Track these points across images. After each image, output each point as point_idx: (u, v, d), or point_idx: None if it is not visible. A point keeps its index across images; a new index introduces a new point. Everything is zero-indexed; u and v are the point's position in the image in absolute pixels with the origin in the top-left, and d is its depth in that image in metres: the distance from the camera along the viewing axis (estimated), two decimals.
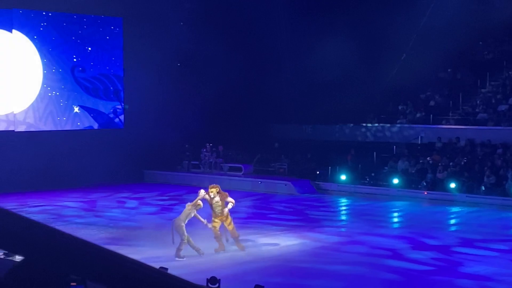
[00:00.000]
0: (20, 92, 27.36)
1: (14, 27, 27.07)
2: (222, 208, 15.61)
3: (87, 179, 27.41)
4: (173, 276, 1.94)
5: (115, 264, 1.77)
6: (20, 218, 1.63)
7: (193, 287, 2.08)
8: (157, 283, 1.80)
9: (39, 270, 1.71)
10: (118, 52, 30.04)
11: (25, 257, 1.68)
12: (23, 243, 1.60)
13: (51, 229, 1.66)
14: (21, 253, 1.66)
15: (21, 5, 27.20)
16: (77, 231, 18.05)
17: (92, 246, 1.69)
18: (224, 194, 15.82)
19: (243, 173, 29.42)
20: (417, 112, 29.85)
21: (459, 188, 24.39)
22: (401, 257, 15.58)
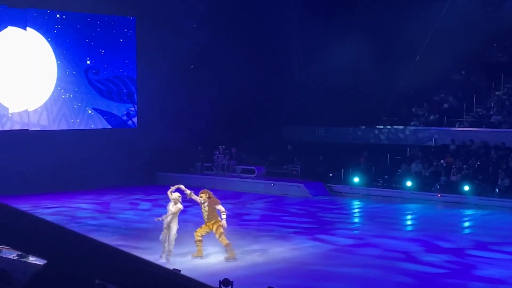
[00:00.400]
0: (34, 90, 27.48)
1: (28, 25, 27.22)
2: (209, 214, 15.15)
3: (100, 181, 27.50)
4: (187, 278, 1.94)
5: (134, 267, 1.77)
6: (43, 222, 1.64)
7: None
8: (171, 285, 1.80)
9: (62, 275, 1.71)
10: (131, 54, 30.14)
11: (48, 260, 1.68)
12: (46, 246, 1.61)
13: (74, 233, 1.66)
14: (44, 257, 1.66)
15: (35, 5, 27.32)
16: (90, 233, 18.09)
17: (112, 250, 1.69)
18: (214, 201, 15.38)
19: (256, 175, 29.41)
20: (431, 115, 29.73)
21: (473, 191, 24.26)
22: (414, 260, 15.51)
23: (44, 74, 27.74)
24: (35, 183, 26.16)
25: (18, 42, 27.02)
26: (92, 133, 28.63)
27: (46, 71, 27.82)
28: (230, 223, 20.25)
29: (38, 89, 27.59)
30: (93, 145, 28.13)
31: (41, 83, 27.64)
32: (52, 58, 27.90)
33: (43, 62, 27.70)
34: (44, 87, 27.83)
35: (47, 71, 27.85)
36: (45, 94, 27.87)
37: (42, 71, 27.69)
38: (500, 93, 29.87)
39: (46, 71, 27.81)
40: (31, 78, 27.35)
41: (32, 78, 27.38)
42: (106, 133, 29.07)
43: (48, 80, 27.89)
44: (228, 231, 18.71)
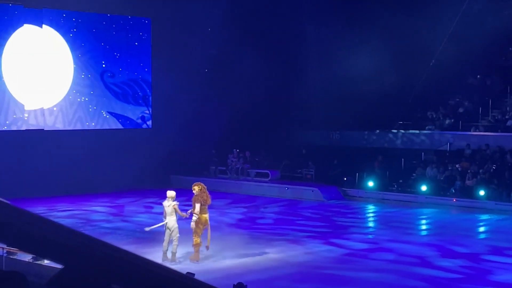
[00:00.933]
0: (50, 88, 27.62)
1: (44, 23, 27.43)
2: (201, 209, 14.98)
3: (114, 184, 27.59)
4: (200, 282, 1.94)
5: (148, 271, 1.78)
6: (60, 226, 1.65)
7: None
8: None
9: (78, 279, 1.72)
10: (146, 57, 30.26)
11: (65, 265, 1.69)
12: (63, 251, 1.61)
13: (91, 238, 1.67)
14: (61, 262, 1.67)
15: (50, 5, 27.49)
16: (104, 236, 18.19)
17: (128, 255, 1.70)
18: (201, 197, 15.37)
19: (270, 179, 29.40)
20: (446, 119, 29.59)
21: (488, 196, 24.11)
22: (429, 264, 15.43)
23: (61, 72, 27.91)
24: (50, 185, 26.31)
25: (34, 39, 27.20)
26: (106, 135, 28.68)
27: (63, 70, 28.00)
28: (244, 227, 20.31)
29: (54, 87, 27.73)
30: (108, 148, 28.22)
31: (57, 82, 27.80)
32: (69, 55, 28.05)
33: (59, 60, 27.88)
34: (61, 85, 27.96)
35: (64, 69, 28.03)
36: (62, 91, 27.98)
37: (59, 69, 27.86)
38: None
39: (62, 70, 27.98)
40: (47, 76, 27.50)
41: (49, 76, 27.53)
42: (121, 136, 29.14)
43: (65, 79, 28.03)
44: (243, 234, 18.76)
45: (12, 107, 26.66)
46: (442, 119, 29.68)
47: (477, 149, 27.21)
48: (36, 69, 27.20)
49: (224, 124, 30.14)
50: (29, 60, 27.03)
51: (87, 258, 1.65)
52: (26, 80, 26.96)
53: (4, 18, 26.37)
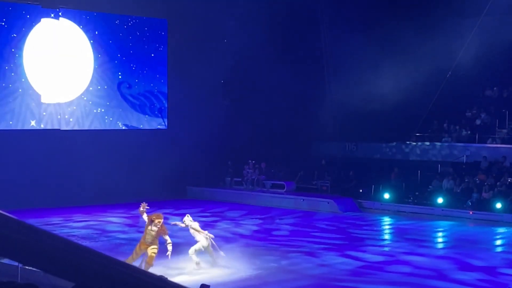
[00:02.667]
0: (69, 83, 27.84)
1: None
2: (152, 239, 14.69)
3: (130, 194, 27.65)
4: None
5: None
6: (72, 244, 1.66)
7: None
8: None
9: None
10: (162, 68, 30.40)
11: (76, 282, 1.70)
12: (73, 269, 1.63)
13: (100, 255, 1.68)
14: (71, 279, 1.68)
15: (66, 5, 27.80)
16: (120, 247, 18.25)
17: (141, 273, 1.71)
18: (163, 230, 14.99)
19: (286, 190, 29.37)
20: (463, 130, 29.45)
21: (505, 208, 23.93)
22: (446, 278, 15.32)
23: (81, 66, 28.19)
24: (67, 196, 26.47)
25: (52, 32, 27.45)
26: (123, 146, 28.69)
27: (84, 62, 28.29)
28: (260, 239, 20.28)
29: (73, 82, 27.97)
30: (124, 158, 28.31)
31: (77, 76, 28.03)
32: (90, 51, 28.31)
33: (80, 52, 28.17)
34: (80, 81, 28.18)
35: (85, 62, 28.32)
36: (81, 87, 28.18)
37: (79, 65, 28.13)
38: None
39: (84, 62, 28.27)
40: (68, 70, 27.74)
41: (69, 70, 27.77)
42: (137, 147, 29.21)
43: (85, 73, 28.28)
44: (258, 246, 18.72)
45: (30, 102, 26.82)
46: (459, 131, 29.54)
47: (494, 161, 27.03)
48: (57, 63, 27.39)
49: (240, 135, 30.20)
50: (48, 55, 27.24)
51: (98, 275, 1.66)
52: (45, 73, 27.14)
53: (22, 12, 26.67)
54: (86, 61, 28.37)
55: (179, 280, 13.43)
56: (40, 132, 27.21)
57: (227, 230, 21.90)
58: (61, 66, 27.61)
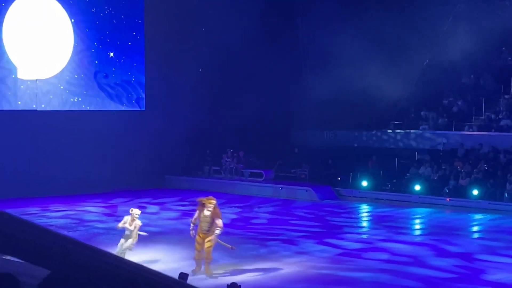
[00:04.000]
0: (47, 59, 27.54)
1: None
2: (209, 226, 14.04)
3: (108, 184, 27.53)
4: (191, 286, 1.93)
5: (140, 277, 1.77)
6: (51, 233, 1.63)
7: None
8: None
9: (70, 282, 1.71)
10: (139, 57, 30.17)
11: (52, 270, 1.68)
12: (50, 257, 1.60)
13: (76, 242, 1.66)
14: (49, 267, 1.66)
15: None
16: (98, 236, 18.18)
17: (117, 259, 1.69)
18: (216, 213, 14.19)
19: (264, 179, 29.41)
20: (440, 118, 29.65)
21: (482, 195, 24.17)
22: (423, 264, 15.45)
23: (60, 44, 27.86)
24: (44, 185, 26.23)
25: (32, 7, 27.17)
26: (100, 135, 28.45)
27: (63, 42, 27.97)
28: (238, 227, 20.31)
29: (51, 59, 27.66)
30: (102, 148, 28.12)
31: (56, 54, 27.72)
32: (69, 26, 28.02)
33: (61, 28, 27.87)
34: (59, 59, 27.88)
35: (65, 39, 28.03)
36: (60, 64, 27.89)
37: (59, 41, 27.81)
38: (509, 96, 29.75)
39: (62, 42, 27.95)
40: (46, 47, 27.41)
41: (48, 47, 27.44)
42: (115, 137, 29.01)
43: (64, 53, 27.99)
44: (236, 235, 18.75)
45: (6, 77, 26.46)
46: (436, 119, 29.74)
47: (470, 148, 27.27)
48: (36, 38, 27.04)
49: (218, 124, 30.14)
50: (28, 28, 26.89)
51: (77, 263, 1.64)
52: (23, 47, 26.78)
53: None
54: (66, 37, 27.94)
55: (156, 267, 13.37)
56: (14, 114, 26.67)
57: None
58: (40, 41, 27.15)
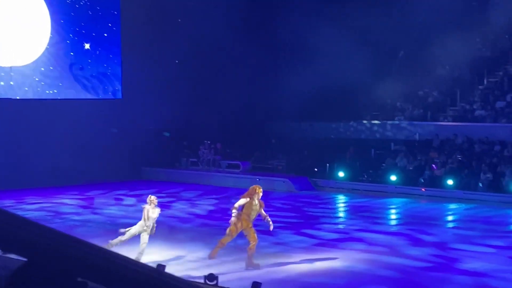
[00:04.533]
0: (22, 46, 27.24)
1: None
2: (255, 215, 14.06)
3: (84, 176, 27.39)
4: (170, 275, 1.95)
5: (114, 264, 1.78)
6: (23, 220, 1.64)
7: (189, 285, 2.09)
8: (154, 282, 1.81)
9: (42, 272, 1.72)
10: (115, 49, 29.99)
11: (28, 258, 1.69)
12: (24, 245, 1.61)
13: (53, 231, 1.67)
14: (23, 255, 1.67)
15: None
16: (74, 228, 18.09)
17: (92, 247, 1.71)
18: (262, 203, 14.19)
19: (241, 170, 29.44)
20: (415, 109, 29.88)
21: (457, 185, 24.43)
22: (398, 253, 15.61)
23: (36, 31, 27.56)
24: (18, 177, 26.02)
25: None
26: (76, 126, 28.25)
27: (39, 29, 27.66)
28: (216, 219, 20.33)
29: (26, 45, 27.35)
30: (78, 139, 27.94)
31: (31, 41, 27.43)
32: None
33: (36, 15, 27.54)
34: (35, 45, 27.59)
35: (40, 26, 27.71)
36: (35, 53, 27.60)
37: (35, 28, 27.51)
38: (484, 87, 30.08)
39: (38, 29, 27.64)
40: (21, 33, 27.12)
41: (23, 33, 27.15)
42: (91, 128, 28.84)
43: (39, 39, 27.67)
44: (214, 226, 18.79)
45: None
46: (411, 110, 29.96)
47: (445, 139, 27.53)
48: (11, 25, 26.75)
49: (195, 115, 30.08)
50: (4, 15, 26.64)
51: (51, 251, 1.66)
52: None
53: None
54: (42, 24, 27.67)
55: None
56: None
57: (183, 210, 21.92)
58: (15, 28, 26.83)
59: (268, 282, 11.76)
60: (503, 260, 15.03)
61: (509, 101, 28.24)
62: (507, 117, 27.27)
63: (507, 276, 13.65)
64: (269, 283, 11.86)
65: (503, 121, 27.20)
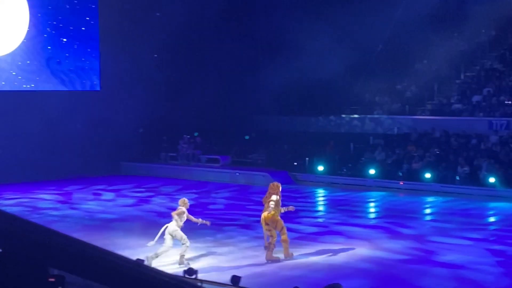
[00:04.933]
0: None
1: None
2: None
3: (62, 171, 27.22)
4: (148, 267, 1.96)
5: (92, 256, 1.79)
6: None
7: (168, 277, 2.10)
8: (132, 274, 1.82)
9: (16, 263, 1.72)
10: (93, 43, 29.80)
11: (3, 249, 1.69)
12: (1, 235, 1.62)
13: (29, 223, 1.68)
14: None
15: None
16: (52, 223, 17.98)
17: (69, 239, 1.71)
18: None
19: (221, 164, 29.43)
20: (394, 103, 30.05)
21: (434, 178, 24.63)
22: (377, 246, 15.72)
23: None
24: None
25: None
26: (53, 120, 28.04)
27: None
28: (195, 213, 20.29)
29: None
30: (56, 134, 27.76)
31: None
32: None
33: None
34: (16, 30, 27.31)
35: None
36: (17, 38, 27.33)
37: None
38: (461, 81, 30.32)
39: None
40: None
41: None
42: (69, 124, 28.65)
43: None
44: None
45: None
46: (390, 104, 30.13)
47: (423, 132, 27.73)
48: None
49: (175, 109, 30.00)
50: None
51: (23, 241, 1.66)
52: None
53: None
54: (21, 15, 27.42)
55: None
56: None
57: (162, 205, 21.87)
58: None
59: (248, 276, 11.79)
60: (479, 252, 15.20)
61: (485, 95, 28.50)
62: (484, 111, 27.52)
63: (483, 268, 13.81)
64: (248, 277, 11.89)
65: (480, 115, 27.44)
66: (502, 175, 23.46)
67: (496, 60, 30.52)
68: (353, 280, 12.65)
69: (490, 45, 31.30)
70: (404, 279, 13.13)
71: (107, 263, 1.76)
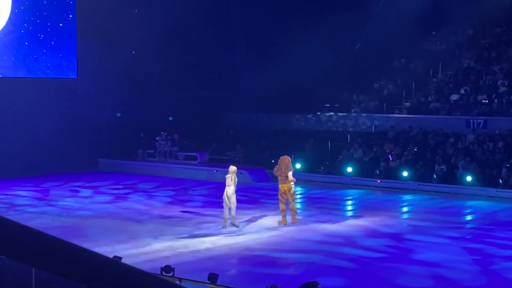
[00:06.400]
0: None
1: None
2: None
3: (39, 167, 26.99)
4: (125, 265, 1.95)
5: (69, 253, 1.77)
6: None
7: (145, 275, 2.09)
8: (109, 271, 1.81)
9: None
10: (71, 40, 29.56)
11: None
12: None
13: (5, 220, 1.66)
14: None
15: None
16: (29, 220, 17.83)
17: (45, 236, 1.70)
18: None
19: (199, 162, 29.38)
20: (371, 102, 30.20)
21: (412, 177, 24.79)
22: (354, 244, 15.78)
23: None
24: None
25: None
26: (31, 117, 27.82)
27: None
28: (172, 210, 20.27)
29: None
30: (32, 130, 27.51)
31: None
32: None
33: None
34: None
35: None
36: None
37: None
38: (438, 80, 30.55)
39: None
40: None
41: None
42: (46, 120, 28.40)
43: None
44: (171, 217, 18.73)
45: None
46: (367, 102, 30.27)
47: (401, 131, 27.89)
48: None
49: (151, 106, 29.89)
50: None
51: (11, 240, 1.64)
52: None
53: None
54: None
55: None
56: None
57: (140, 202, 21.80)
58: None
59: (225, 273, 11.78)
60: (456, 250, 15.32)
61: (463, 94, 28.74)
62: (461, 110, 27.75)
63: (460, 266, 13.92)
64: (226, 274, 11.88)
65: (457, 114, 27.66)
66: (479, 174, 23.67)
67: (473, 59, 30.78)
68: (330, 278, 12.68)
69: (467, 45, 31.57)
70: (381, 277, 13.19)
71: (83, 261, 1.74)
